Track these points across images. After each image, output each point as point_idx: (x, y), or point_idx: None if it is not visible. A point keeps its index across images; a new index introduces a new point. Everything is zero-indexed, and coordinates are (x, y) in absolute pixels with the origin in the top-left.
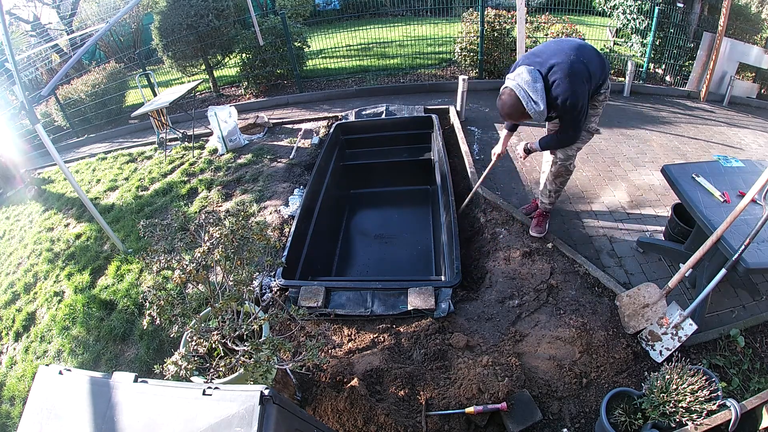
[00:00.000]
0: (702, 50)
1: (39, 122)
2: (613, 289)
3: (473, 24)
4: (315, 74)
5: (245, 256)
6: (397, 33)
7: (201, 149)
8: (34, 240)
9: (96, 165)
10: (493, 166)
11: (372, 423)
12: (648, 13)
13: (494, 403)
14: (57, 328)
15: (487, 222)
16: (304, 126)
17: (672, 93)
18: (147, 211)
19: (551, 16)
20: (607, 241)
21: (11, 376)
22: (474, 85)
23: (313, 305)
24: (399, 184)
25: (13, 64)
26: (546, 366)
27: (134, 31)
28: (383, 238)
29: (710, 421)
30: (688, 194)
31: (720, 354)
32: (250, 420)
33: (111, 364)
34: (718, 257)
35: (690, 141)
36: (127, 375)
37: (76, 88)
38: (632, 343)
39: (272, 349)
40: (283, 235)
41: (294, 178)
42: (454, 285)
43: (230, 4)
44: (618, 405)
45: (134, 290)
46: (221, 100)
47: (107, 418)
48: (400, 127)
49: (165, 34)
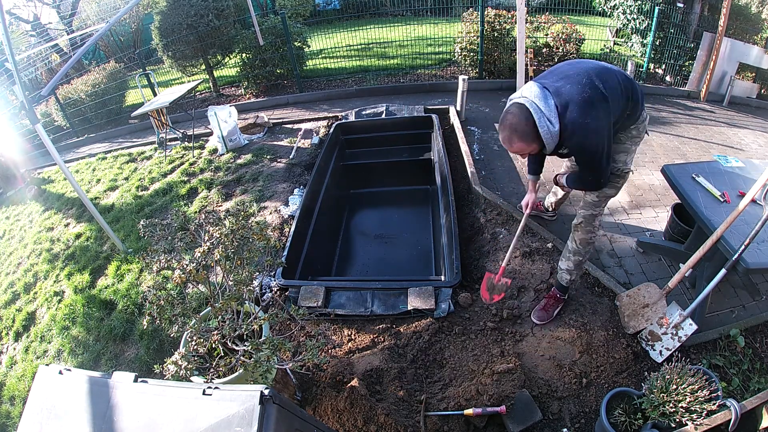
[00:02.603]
0: (702, 50)
1: (39, 122)
2: (613, 289)
3: (473, 24)
4: (315, 74)
5: (245, 256)
6: (397, 33)
7: (201, 149)
8: (34, 240)
9: (96, 165)
10: (526, 218)
11: (372, 423)
12: (648, 13)
13: (493, 406)
14: (57, 327)
15: (487, 222)
16: (304, 126)
17: (672, 93)
18: (147, 211)
19: (551, 16)
20: (607, 241)
21: (11, 375)
22: (474, 85)
23: (313, 305)
24: (399, 184)
25: (13, 64)
26: (546, 366)
27: (134, 31)
28: (383, 238)
29: (710, 421)
30: (688, 194)
31: (720, 354)
32: (250, 420)
33: (111, 364)
34: (718, 257)
35: (690, 141)
36: (127, 375)
37: (76, 88)
38: (632, 343)
39: (272, 348)
40: (283, 235)
41: (294, 178)
42: (454, 285)
43: (230, 4)
44: (618, 405)
45: (134, 290)
46: (221, 100)
47: (107, 418)
48: (400, 127)
49: (165, 34)
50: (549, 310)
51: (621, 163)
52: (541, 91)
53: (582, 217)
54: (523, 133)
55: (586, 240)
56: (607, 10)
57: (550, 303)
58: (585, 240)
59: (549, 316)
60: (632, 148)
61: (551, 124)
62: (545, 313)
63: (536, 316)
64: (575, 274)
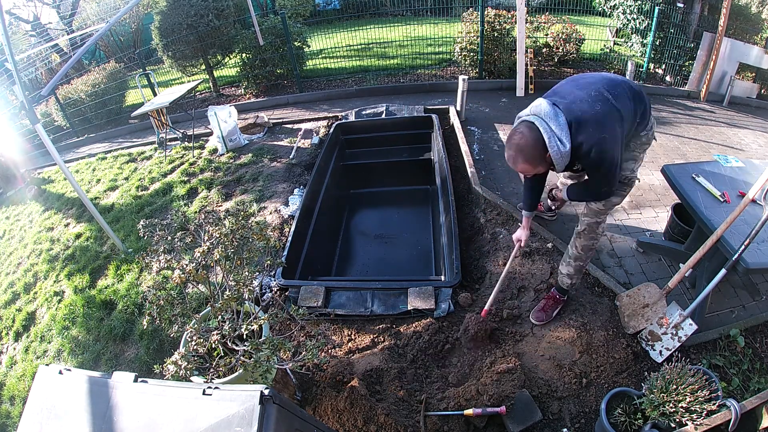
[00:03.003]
0: (702, 50)
1: (39, 122)
2: (613, 289)
3: (473, 24)
4: (315, 74)
5: (245, 256)
6: (397, 33)
7: (201, 149)
8: (34, 240)
9: (96, 165)
10: (516, 252)
11: (372, 423)
12: (648, 13)
13: (493, 406)
14: (57, 327)
15: (487, 222)
16: (304, 126)
17: (672, 93)
18: (147, 211)
19: (551, 16)
20: (607, 241)
21: (11, 375)
22: (474, 85)
23: (313, 305)
24: (399, 184)
25: (13, 64)
26: (546, 366)
27: (134, 31)
28: (383, 238)
29: (710, 421)
30: (688, 194)
31: (720, 354)
32: (250, 420)
33: (111, 364)
34: (718, 257)
35: (690, 141)
36: (127, 375)
37: (76, 88)
38: (632, 343)
39: (272, 348)
40: (283, 235)
41: (294, 178)
42: (453, 285)
43: (230, 4)
44: (618, 405)
45: (134, 290)
46: (221, 100)
47: (107, 418)
48: (400, 127)
49: (165, 34)
50: (548, 311)
51: (629, 171)
52: (552, 109)
53: (586, 224)
54: (530, 154)
55: (588, 246)
56: (607, 10)
57: (549, 304)
58: (587, 246)
59: (548, 316)
60: (640, 156)
61: (562, 144)
62: (544, 313)
63: (535, 317)
64: (576, 278)
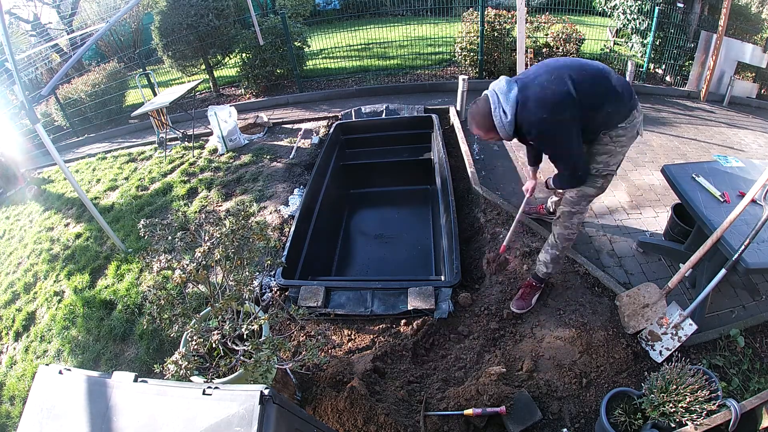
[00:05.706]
0: (699, 51)
1: (39, 122)
2: (613, 289)
3: (473, 24)
4: (315, 74)
5: (245, 256)
6: (397, 33)
7: (201, 149)
8: (34, 240)
9: (96, 165)
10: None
11: (372, 423)
12: (648, 13)
13: (493, 406)
14: (57, 327)
15: (487, 222)
16: (304, 126)
17: (672, 93)
18: (147, 211)
19: (551, 16)
20: (607, 241)
21: (11, 375)
22: (474, 84)
23: (313, 305)
24: (399, 184)
25: (13, 64)
26: (546, 366)
27: (134, 31)
28: (383, 238)
29: (710, 421)
30: (688, 194)
31: (720, 354)
32: (250, 420)
33: (111, 364)
34: (718, 257)
35: (690, 141)
36: (127, 375)
37: (76, 88)
38: (632, 343)
39: (272, 348)
40: (283, 235)
41: (294, 178)
42: (453, 285)
43: (230, 4)
44: (618, 405)
45: (134, 290)
46: (221, 99)
47: (107, 418)
48: (400, 127)
49: (165, 34)
50: (527, 299)
51: (602, 165)
52: (507, 84)
53: (560, 212)
54: (480, 122)
55: (563, 236)
56: (607, 10)
57: (526, 292)
58: (563, 236)
59: (527, 304)
60: (617, 150)
61: (504, 115)
62: (523, 302)
63: (516, 306)
64: (551, 267)
